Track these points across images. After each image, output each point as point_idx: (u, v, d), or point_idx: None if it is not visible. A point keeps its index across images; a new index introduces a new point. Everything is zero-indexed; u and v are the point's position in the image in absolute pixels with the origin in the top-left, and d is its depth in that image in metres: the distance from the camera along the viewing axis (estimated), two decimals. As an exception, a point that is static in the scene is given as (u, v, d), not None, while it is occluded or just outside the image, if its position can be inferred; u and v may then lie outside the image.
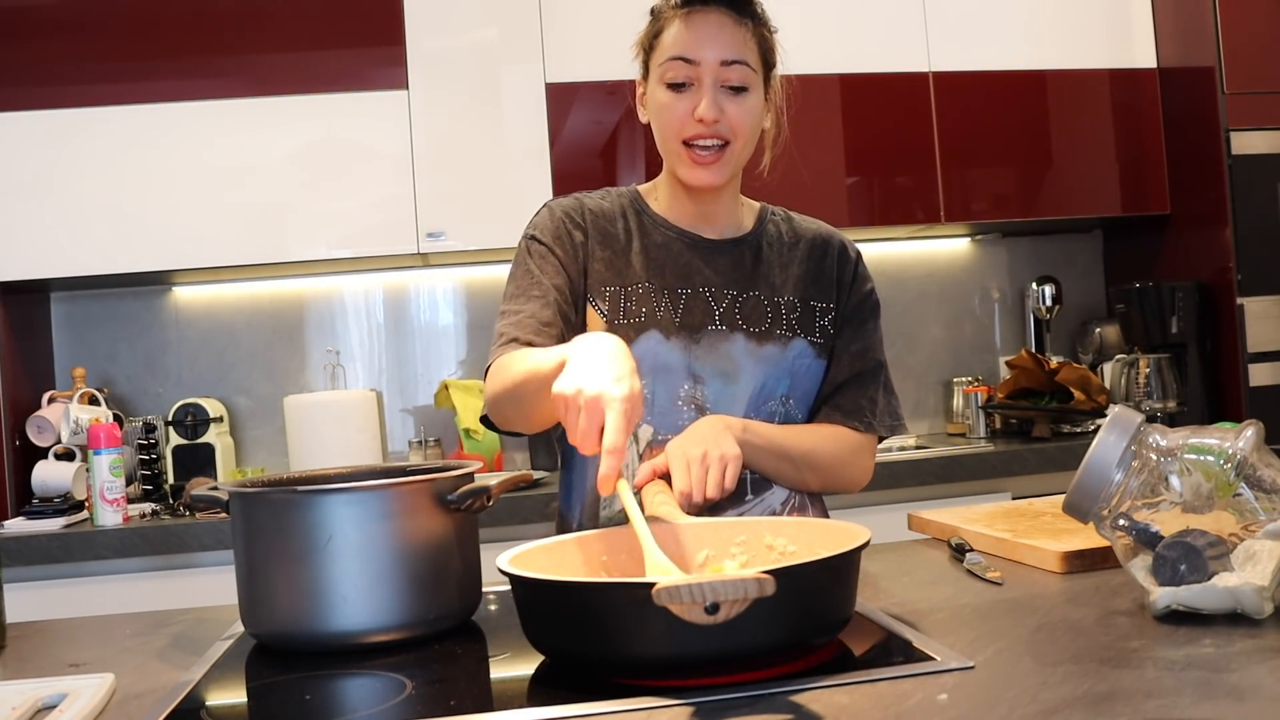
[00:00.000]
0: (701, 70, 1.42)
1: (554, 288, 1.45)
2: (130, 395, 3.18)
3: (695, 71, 1.42)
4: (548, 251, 1.48)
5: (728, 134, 1.43)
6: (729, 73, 1.42)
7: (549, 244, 1.49)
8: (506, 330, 1.43)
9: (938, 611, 1.12)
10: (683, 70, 1.42)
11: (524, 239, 1.52)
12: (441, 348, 3.33)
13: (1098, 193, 3.27)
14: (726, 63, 1.42)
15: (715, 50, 1.42)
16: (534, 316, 1.42)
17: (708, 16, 1.43)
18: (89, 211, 2.82)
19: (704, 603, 0.81)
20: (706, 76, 1.42)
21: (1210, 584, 0.98)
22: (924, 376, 3.53)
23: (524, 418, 1.36)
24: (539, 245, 1.49)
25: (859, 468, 1.54)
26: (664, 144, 1.48)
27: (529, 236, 1.51)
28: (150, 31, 2.85)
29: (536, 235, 1.51)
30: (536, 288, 1.45)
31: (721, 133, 1.43)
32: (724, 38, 1.42)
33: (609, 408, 1.07)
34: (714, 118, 1.41)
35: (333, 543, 1.10)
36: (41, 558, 2.49)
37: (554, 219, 1.51)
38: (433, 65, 2.94)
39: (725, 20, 1.43)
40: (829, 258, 1.56)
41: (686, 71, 1.42)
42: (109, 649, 1.21)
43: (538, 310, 1.43)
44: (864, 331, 1.56)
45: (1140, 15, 3.26)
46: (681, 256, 1.51)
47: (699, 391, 1.46)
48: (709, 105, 1.41)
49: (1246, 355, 3.02)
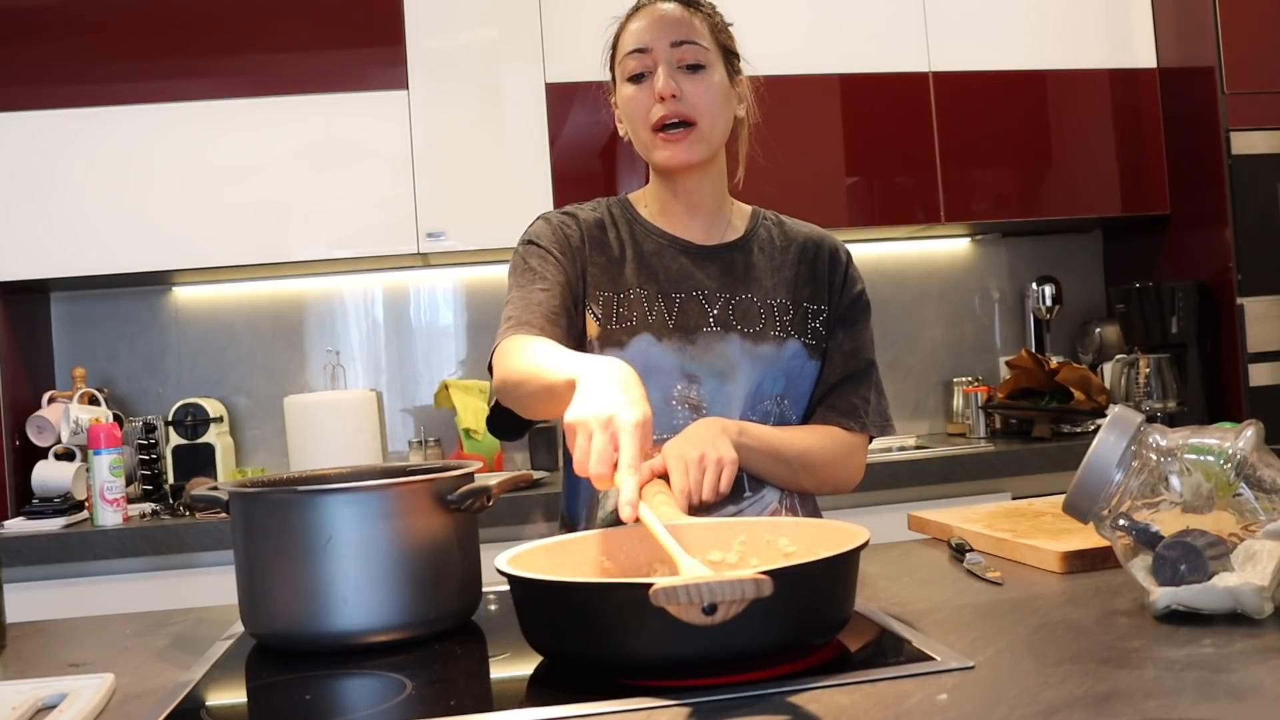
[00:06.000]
0: (655, 55, 1.47)
1: (558, 282, 1.46)
2: (130, 395, 3.18)
3: (649, 59, 1.47)
4: (546, 253, 1.49)
5: (690, 113, 1.46)
6: (680, 53, 1.47)
7: (547, 246, 1.50)
8: (515, 314, 1.42)
9: (938, 611, 1.12)
10: (639, 61, 1.48)
11: (521, 245, 1.53)
12: (441, 348, 3.33)
13: (1098, 193, 3.27)
14: (676, 44, 1.47)
15: (664, 34, 1.48)
16: (542, 305, 1.43)
17: (654, 8, 1.50)
18: (89, 211, 2.82)
19: (701, 603, 0.81)
20: (660, 60, 1.47)
21: (1210, 584, 0.98)
22: (924, 376, 3.53)
23: (523, 409, 1.37)
24: (537, 248, 1.50)
25: (852, 467, 1.55)
26: (637, 136, 1.51)
27: (526, 242, 1.53)
28: (150, 31, 2.85)
29: (534, 240, 1.52)
30: (541, 280, 1.46)
31: (683, 111, 1.46)
32: (670, 23, 1.49)
33: (622, 432, 1.06)
34: (670, 92, 1.45)
35: (333, 543, 1.10)
36: (41, 558, 2.49)
37: (551, 226, 1.53)
38: (433, 65, 2.94)
39: (671, 8, 1.50)
40: (820, 260, 1.57)
41: (642, 61, 1.48)
42: (109, 649, 1.21)
43: (545, 299, 1.44)
44: (855, 332, 1.57)
45: (1140, 15, 3.26)
46: (674, 262, 1.52)
47: (694, 391, 1.47)
48: (665, 82, 1.45)
49: (1246, 355, 3.02)
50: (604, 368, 1.15)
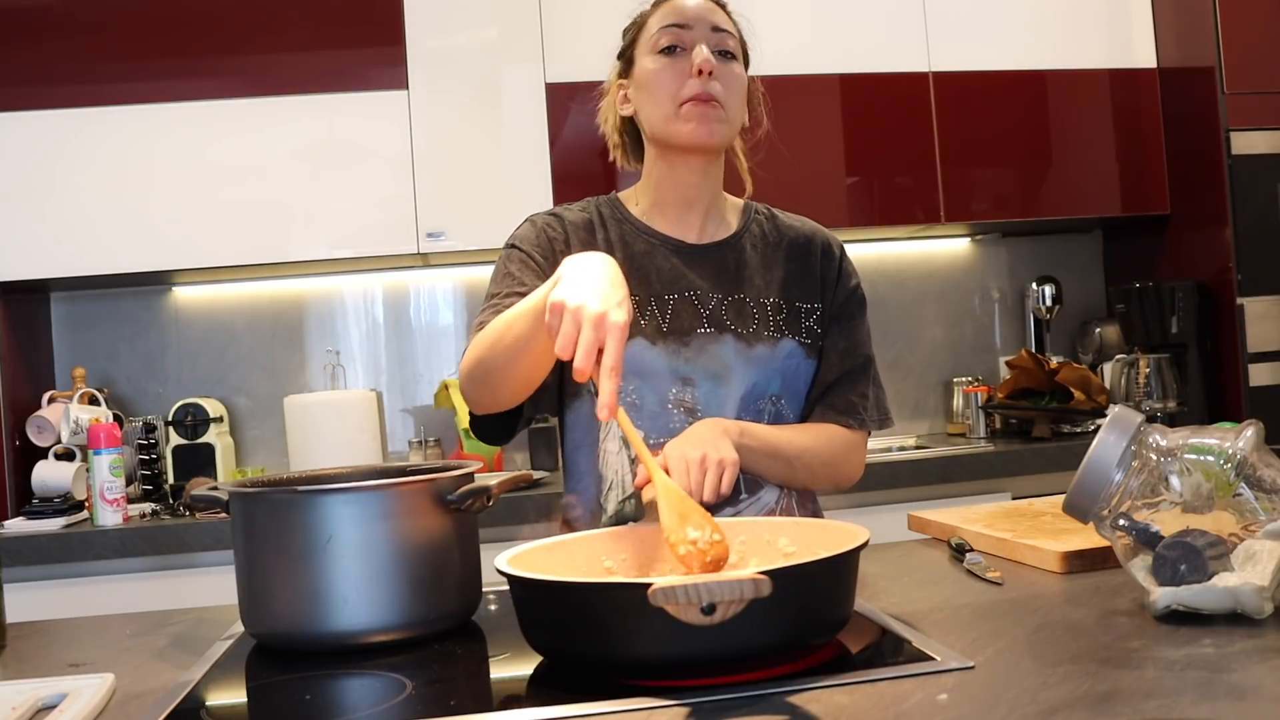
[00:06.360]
0: (694, 34, 1.47)
1: (535, 288, 1.45)
2: (130, 395, 3.18)
3: (688, 36, 1.47)
4: (527, 258, 1.49)
5: (721, 96, 1.46)
6: (721, 38, 1.48)
7: (529, 251, 1.50)
8: (487, 319, 1.40)
9: (938, 611, 1.12)
10: (675, 36, 1.47)
11: (504, 249, 1.53)
12: (441, 348, 3.33)
13: (1098, 193, 3.27)
14: (717, 29, 1.48)
15: (705, 17, 1.48)
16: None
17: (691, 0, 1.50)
18: (89, 211, 2.82)
19: (700, 603, 0.81)
20: (700, 38, 1.47)
21: (1210, 584, 0.98)
22: (924, 376, 3.53)
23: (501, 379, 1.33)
24: (519, 252, 1.50)
25: (852, 464, 1.55)
26: (658, 108, 1.47)
27: (509, 246, 1.53)
28: (150, 31, 2.85)
29: (517, 244, 1.52)
30: (519, 286, 1.45)
31: (716, 93, 1.45)
32: (709, 10, 1.49)
33: (610, 333, 1.05)
34: (711, 68, 1.44)
35: (333, 543, 1.10)
36: (41, 558, 2.49)
37: (535, 229, 1.53)
38: (433, 65, 2.94)
39: (708, 2, 1.51)
40: (813, 256, 1.57)
41: (680, 37, 1.47)
42: (109, 649, 1.21)
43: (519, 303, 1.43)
44: (851, 328, 1.57)
45: (1140, 15, 3.26)
46: (665, 262, 1.51)
47: (688, 394, 1.47)
48: (706, 57, 1.44)
49: (1246, 355, 3.02)
50: (591, 257, 1.15)
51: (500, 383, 1.34)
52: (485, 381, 1.35)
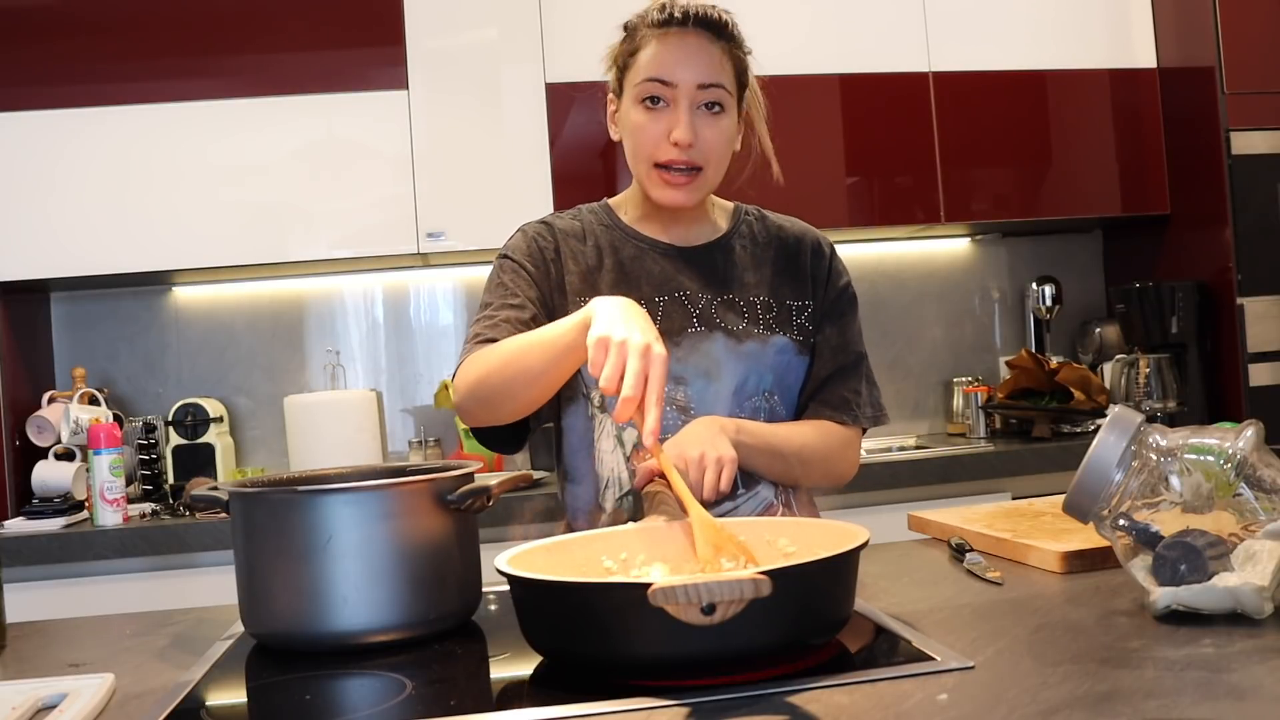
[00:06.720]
0: (678, 92, 1.43)
1: (529, 299, 1.47)
2: (130, 395, 3.18)
3: (671, 93, 1.43)
4: (519, 268, 1.50)
5: (700, 160, 1.44)
6: (705, 95, 1.43)
7: (521, 261, 1.51)
8: (482, 331, 1.43)
9: (938, 611, 1.12)
10: (660, 90, 1.43)
11: (496, 259, 1.54)
12: (441, 348, 3.33)
13: (1098, 193, 3.27)
14: (703, 86, 1.43)
15: (692, 73, 1.42)
16: (509, 321, 1.43)
17: (685, 39, 1.43)
18: (89, 211, 2.82)
19: (700, 603, 0.81)
20: (683, 99, 1.43)
21: (1210, 584, 0.98)
22: (924, 376, 3.53)
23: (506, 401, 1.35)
24: (511, 262, 1.51)
25: (847, 461, 1.55)
26: (636, 164, 1.49)
27: (501, 256, 1.53)
28: (150, 31, 2.85)
29: (509, 254, 1.53)
30: (512, 297, 1.47)
31: (694, 159, 1.44)
32: (701, 60, 1.43)
33: (654, 364, 1.11)
34: (689, 141, 1.42)
35: (333, 543, 1.10)
36: (41, 558, 2.49)
37: (526, 239, 1.54)
38: (433, 65, 2.94)
39: (702, 41, 1.44)
40: (803, 255, 1.57)
41: (663, 92, 1.43)
42: (109, 649, 1.21)
43: (513, 315, 1.44)
44: (843, 325, 1.57)
45: (1140, 15, 3.26)
46: (656, 265, 1.52)
47: (680, 393, 1.47)
48: (685, 129, 1.42)
49: (1246, 355, 3.02)
50: (619, 300, 1.20)
51: (503, 403, 1.37)
52: (488, 401, 1.38)
